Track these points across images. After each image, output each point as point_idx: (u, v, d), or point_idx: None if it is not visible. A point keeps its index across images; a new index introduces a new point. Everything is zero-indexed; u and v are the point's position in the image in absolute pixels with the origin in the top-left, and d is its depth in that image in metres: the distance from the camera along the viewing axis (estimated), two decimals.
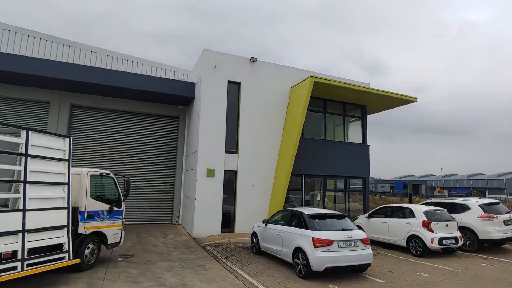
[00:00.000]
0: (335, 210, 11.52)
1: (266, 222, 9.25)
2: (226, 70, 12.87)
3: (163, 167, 14.91)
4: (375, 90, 13.79)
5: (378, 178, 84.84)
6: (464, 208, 11.08)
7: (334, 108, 14.99)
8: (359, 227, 10.05)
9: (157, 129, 15.05)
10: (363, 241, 7.32)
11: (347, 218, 8.11)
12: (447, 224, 9.85)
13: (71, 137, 6.99)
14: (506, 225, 10.38)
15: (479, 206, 10.75)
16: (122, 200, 8.10)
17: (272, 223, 9.01)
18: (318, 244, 6.92)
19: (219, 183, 12.21)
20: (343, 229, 7.47)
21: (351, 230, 7.53)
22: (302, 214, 7.90)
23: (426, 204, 11.78)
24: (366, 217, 11.89)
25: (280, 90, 13.80)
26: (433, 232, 9.55)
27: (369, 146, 15.41)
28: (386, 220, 10.94)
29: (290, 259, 7.66)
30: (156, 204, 14.54)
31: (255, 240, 9.54)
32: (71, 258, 6.33)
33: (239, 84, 13.16)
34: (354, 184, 15.44)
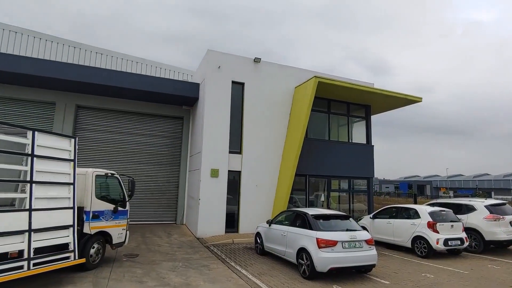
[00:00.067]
0: (339, 211, 11.47)
1: (270, 223, 9.25)
2: (230, 70, 12.89)
3: (167, 168, 14.97)
4: (379, 90, 13.72)
5: (382, 179, 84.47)
6: (469, 209, 11.00)
7: (338, 108, 14.94)
8: (364, 228, 9.94)
9: (161, 129, 15.11)
10: (367, 241, 7.29)
11: (351, 219, 8.08)
12: (452, 225, 9.78)
13: (77, 137, 7.04)
14: None
15: (485, 207, 10.67)
16: (127, 200, 8.14)
17: (276, 223, 9.01)
18: (322, 244, 6.90)
19: (223, 183, 12.23)
20: (347, 229, 7.45)
21: (356, 230, 7.50)
22: (306, 214, 7.88)
23: (431, 205, 11.71)
24: (370, 217, 11.84)
25: (284, 90, 13.79)
26: (438, 233, 9.48)
27: (373, 146, 15.34)
28: (391, 220, 10.89)
29: (294, 260, 7.65)
30: (160, 204, 14.60)
31: (259, 241, 9.54)
32: (77, 257, 6.37)
33: (243, 84, 13.17)
34: (359, 184, 15.38)
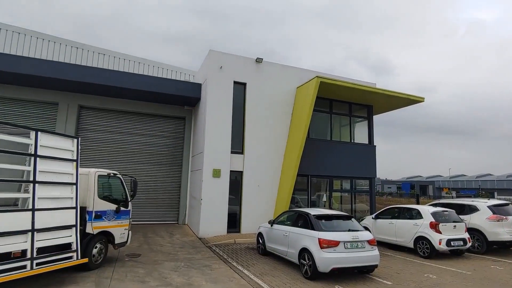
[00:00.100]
0: (341, 211, 11.46)
1: (272, 223, 9.24)
2: (231, 70, 12.90)
3: (169, 168, 14.99)
4: (381, 90, 13.69)
5: (384, 179, 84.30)
6: (472, 209, 10.96)
7: (340, 109, 14.92)
8: (366, 228, 9.97)
9: (163, 129, 15.14)
10: (369, 242, 7.28)
11: (353, 219, 8.06)
12: (455, 226, 9.75)
13: (79, 137, 7.07)
14: None
15: (488, 207, 10.63)
16: (129, 200, 8.16)
17: (278, 223, 9.00)
18: (324, 245, 6.89)
19: (225, 183, 12.24)
20: (349, 230, 7.44)
21: (358, 231, 7.48)
22: (308, 214, 7.87)
23: (434, 205, 11.67)
24: (372, 218, 11.82)
25: (286, 90, 13.79)
26: (441, 233, 9.45)
27: (375, 146, 15.31)
28: (393, 221, 10.86)
29: (296, 260, 7.64)
30: (162, 204, 14.63)
31: (261, 241, 9.54)
32: (79, 257, 6.39)
33: (244, 84, 13.17)
34: (361, 184, 15.35)
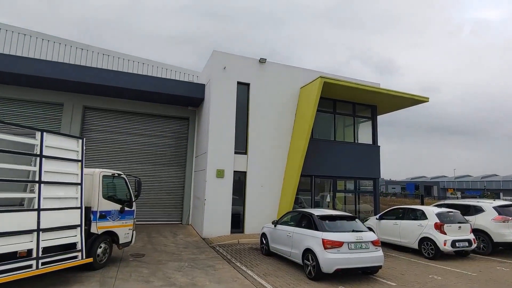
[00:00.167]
0: (345, 212, 11.42)
1: (275, 223, 9.24)
2: (235, 71, 12.92)
3: (173, 168, 15.04)
4: (385, 90, 13.63)
5: (388, 179, 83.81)
6: (477, 210, 10.87)
7: (344, 109, 14.88)
8: (370, 229, 9.90)
9: (167, 130, 15.20)
10: (373, 243, 7.25)
11: (357, 220, 8.04)
12: (460, 226, 9.67)
13: (84, 138, 7.11)
14: None
15: (494, 208, 10.54)
16: (133, 200, 8.20)
17: (282, 224, 9.00)
18: (328, 245, 6.88)
19: (228, 184, 12.25)
20: (353, 230, 7.42)
21: (362, 231, 7.46)
22: (312, 215, 7.86)
23: (439, 206, 11.61)
24: (376, 218, 11.77)
25: (290, 90, 13.77)
26: (445, 234, 9.39)
27: (379, 147, 15.25)
28: (397, 222, 10.81)
29: (299, 261, 7.63)
30: (166, 204, 14.68)
31: (264, 241, 9.54)
32: (84, 257, 6.44)
33: (248, 85, 13.18)
34: (364, 185, 15.30)
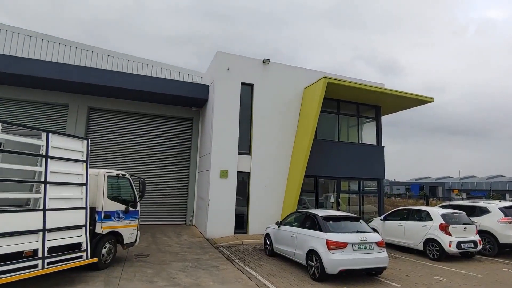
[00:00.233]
0: (349, 212, 11.38)
1: (279, 224, 9.23)
2: (239, 72, 12.94)
3: (177, 168, 15.09)
4: (389, 90, 13.57)
5: (393, 180, 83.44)
6: (483, 211, 10.79)
7: (347, 109, 14.84)
8: (374, 230, 9.90)
9: (171, 130, 15.26)
10: (378, 244, 7.22)
11: (361, 221, 8.01)
12: (465, 228, 9.60)
13: (89, 139, 7.16)
14: None
15: (499, 209, 10.45)
16: (138, 200, 8.24)
17: (286, 224, 8.99)
18: (332, 246, 6.86)
19: (232, 184, 12.26)
20: (357, 231, 7.39)
21: (366, 232, 7.43)
22: (315, 216, 7.84)
23: (444, 207, 11.53)
24: (381, 219, 11.71)
25: (293, 91, 13.76)
26: (451, 235, 9.32)
27: (383, 147, 15.17)
28: (402, 223, 10.75)
29: (303, 261, 7.62)
30: (170, 205, 14.73)
31: (268, 242, 9.53)
32: (89, 257, 6.47)
33: (252, 85, 13.19)
34: (369, 186, 15.23)
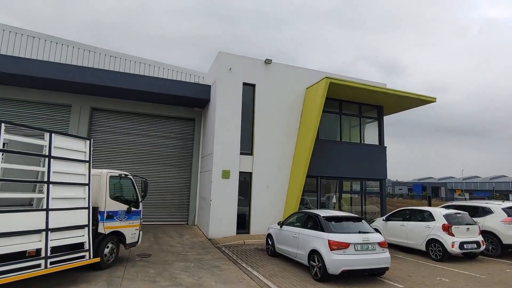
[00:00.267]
0: (351, 213, 11.36)
1: (281, 224, 9.23)
2: (241, 72, 12.94)
3: (179, 169, 15.12)
4: (392, 90, 13.54)
5: (395, 180, 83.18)
6: (486, 211, 10.74)
7: (350, 109, 14.81)
8: (376, 230, 9.89)
9: (173, 131, 15.28)
10: (380, 244, 7.20)
11: (364, 221, 7.99)
12: (468, 228, 9.56)
13: (92, 139, 7.19)
14: None
15: (503, 209, 10.39)
16: (140, 200, 8.26)
17: (288, 225, 8.98)
18: (334, 246, 6.85)
19: (234, 184, 12.27)
20: (359, 231, 7.37)
21: (368, 233, 7.41)
22: (318, 216, 7.83)
23: (446, 207, 11.49)
24: (383, 220, 11.68)
25: (295, 91, 13.75)
26: (453, 236, 9.28)
27: (386, 147, 15.13)
28: (404, 223, 10.72)
29: (305, 262, 7.61)
30: (172, 205, 14.76)
31: (270, 242, 9.53)
32: (92, 257, 6.49)
33: (254, 86, 13.19)
34: (371, 186, 15.19)
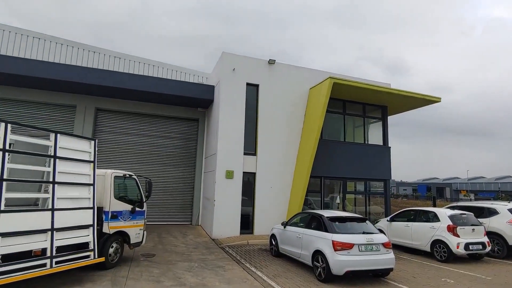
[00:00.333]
0: (355, 213, 11.32)
1: (285, 225, 9.22)
2: (244, 72, 12.96)
3: (183, 169, 15.17)
4: (396, 90, 13.48)
5: (399, 181, 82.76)
6: (492, 212, 10.65)
7: (353, 109, 14.76)
8: (381, 231, 9.83)
9: (177, 131, 15.34)
10: (384, 245, 7.17)
11: (368, 221, 7.96)
12: (473, 229, 9.48)
13: (96, 139, 7.23)
14: None
15: (508, 210, 10.31)
16: (144, 200, 8.30)
17: (291, 225, 8.98)
18: (338, 247, 6.83)
19: (238, 184, 12.28)
20: (364, 232, 7.34)
21: (372, 233, 7.38)
22: (321, 216, 7.82)
23: (451, 208, 11.41)
24: (387, 220, 11.63)
25: (299, 91, 13.74)
26: (458, 237, 9.22)
27: (390, 147, 15.06)
28: (409, 224, 10.66)
29: (309, 262, 7.59)
30: (176, 205, 14.81)
31: (274, 242, 9.53)
32: (96, 256, 6.53)
33: (257, 86, 13.20)
34: (375, 186, 15.13)
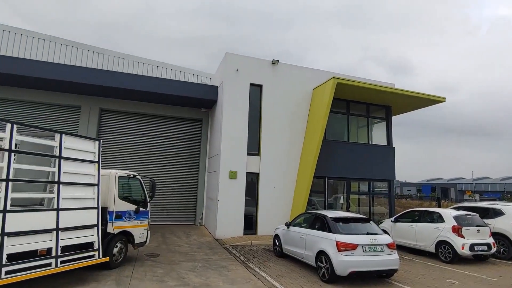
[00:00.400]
0: (359, 214, 11.28)
1: (288, 225, 9.22)
2: (248, 73, 12.97)
3: (186, 169, 15.21)
4: (400, 90, 13.41)
5: (404, 181, 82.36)
6: (497, 213, 10.57)
7: (357, 110, 14.71)
8: (385, 231, 9.80)
9: (181, 131, 15.39)
10: (389, 245, 7.14)
11: (372, 222, 7.93)
12: (479, 230, 9.41)
13: (101, 140, 7.28)
14: None
15: None
16: (148, 201, 8.33)
17: (295, 225, 8.97)
18: (342, 248, 6.81)
19: (241, 185, 12.29)
20: (368, 233, 7.32)
21: (377, 234, 7.35)
22: (325, 217, 7.80)
23: (456, 209, 11.34)
24: (392, 221, 11.58)
25: (302, 91, 13.72)
26: (463, 237, 9.15)
27: (394, 148, 14.99)
28: (413, 224, 10.60)
29: (313, 263, 7.59)
30: (180, 205, 14.85)
31: (277, 243, 9.53)
32: (101, 256, 6.57)
33: (261, 86, 13.21)
34: (379, 187, 15.06)
